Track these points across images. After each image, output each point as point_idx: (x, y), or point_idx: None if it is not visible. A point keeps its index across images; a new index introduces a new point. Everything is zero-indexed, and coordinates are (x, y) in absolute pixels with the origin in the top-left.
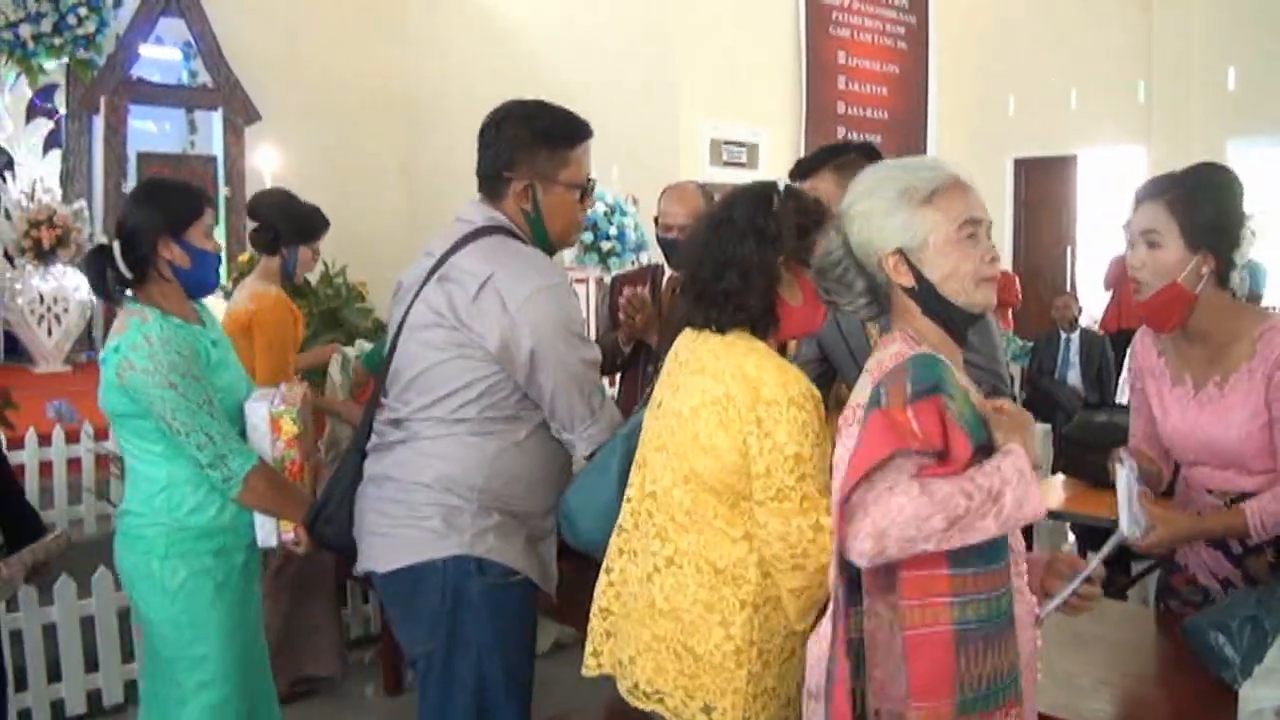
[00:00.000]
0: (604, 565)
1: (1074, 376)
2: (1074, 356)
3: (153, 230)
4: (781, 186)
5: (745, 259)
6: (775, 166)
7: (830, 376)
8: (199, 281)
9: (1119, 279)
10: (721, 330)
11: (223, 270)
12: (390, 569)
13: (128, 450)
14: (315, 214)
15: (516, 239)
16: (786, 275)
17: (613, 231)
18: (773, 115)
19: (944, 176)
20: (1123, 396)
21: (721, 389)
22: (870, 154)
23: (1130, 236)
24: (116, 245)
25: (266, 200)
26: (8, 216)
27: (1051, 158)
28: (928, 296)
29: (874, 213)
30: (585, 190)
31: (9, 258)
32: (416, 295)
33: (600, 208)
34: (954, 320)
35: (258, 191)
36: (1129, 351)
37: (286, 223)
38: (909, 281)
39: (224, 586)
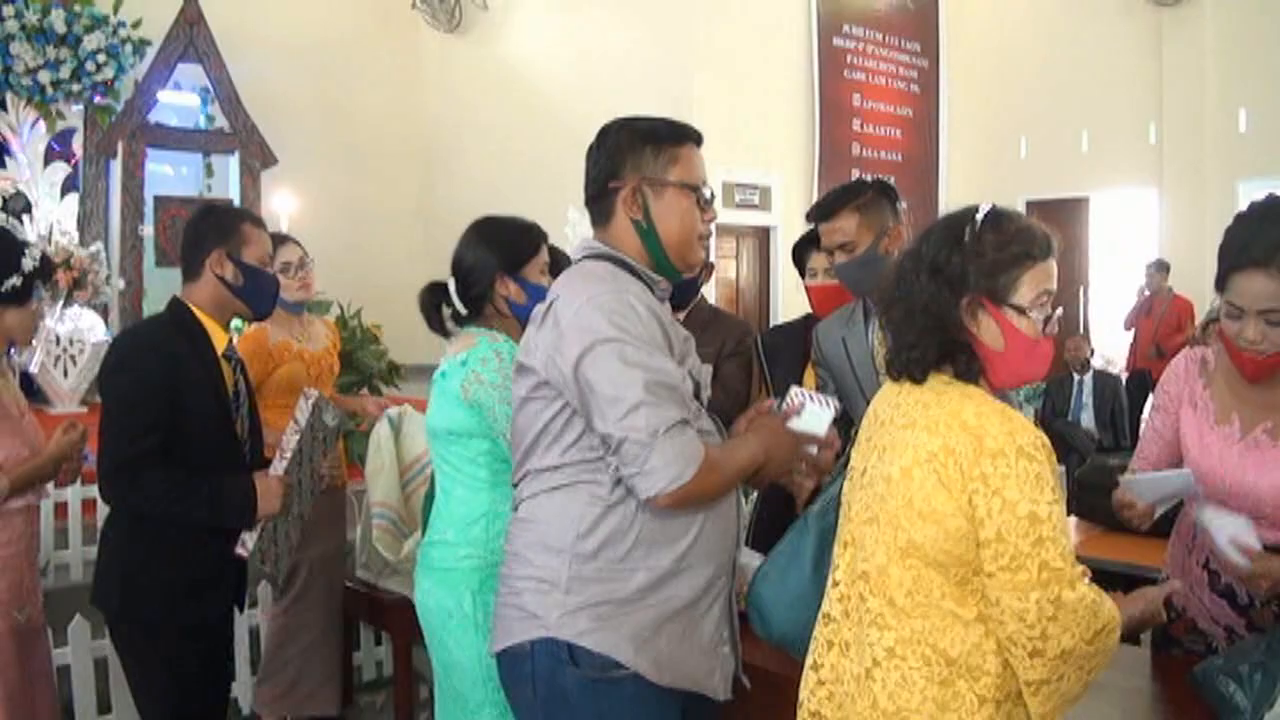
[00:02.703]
0: (809, 661)
1: (1087, 418)
2: (1087, 398)
3: (491, 268)
4: (983, 213)
5: (912, 297)
6: (788, 209)
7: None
8: None
9: (1138, 319)
10: (916, 378)
11: None
12: (495, 652)
13: (446, 474)
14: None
15: (617, 264)
16: (982, 316)
17: None
18: (785, 158)
19: None
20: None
21: (938, 442)
22: (887, 191)
23: (1242, 309)
24: (452, 282)
25: None
26: None
27: (1064, 200)
28: None
29: None
30: (701, 194)
31: None
32: None
33: None
34: None
35: None
36: (1166, 375)
37: None
38: None
39: None
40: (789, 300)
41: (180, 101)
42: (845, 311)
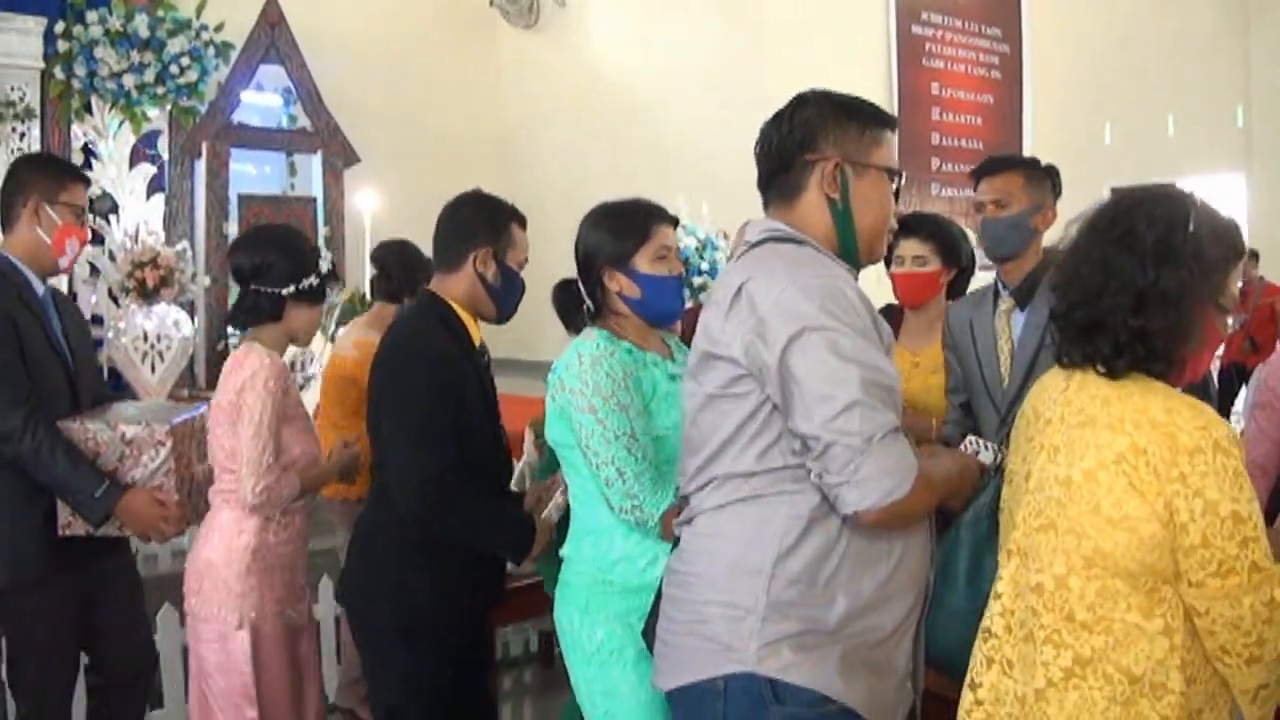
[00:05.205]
0: (967, 680)
1: None
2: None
3: (595, 260)
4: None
5: (1176, 292)
6: None
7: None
8: (657, 311)
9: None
10: (1114, 375)
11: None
12: (669, 687)
13: (572, 484)
14: None
15: (802, 245)
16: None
17: (704, 266)
18: None
19: None
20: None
21: (1125, 441)
22: (1054, 177)
23: None
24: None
25: (391, 250)
26: (112, 258)
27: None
28: None
29: None
30: (900, 185)
31: (114, 298)
32: None
33: (691, 242)
34: None
35: (382, 241)
36: (1266, 371)
37: (409, 273)
38: None
39: (645, 655)
40: (868, 292)
41: (263, 102)
42: (977, 294)
